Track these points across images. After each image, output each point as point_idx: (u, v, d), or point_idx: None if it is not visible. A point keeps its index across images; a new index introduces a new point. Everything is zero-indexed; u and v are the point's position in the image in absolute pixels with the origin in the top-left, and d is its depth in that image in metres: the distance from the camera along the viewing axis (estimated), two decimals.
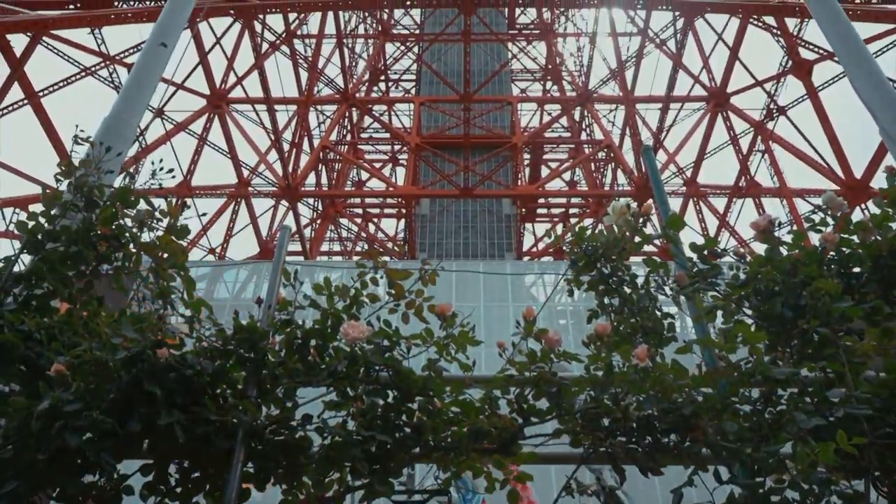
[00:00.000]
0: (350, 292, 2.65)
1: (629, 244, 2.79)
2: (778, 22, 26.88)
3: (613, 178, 35.80)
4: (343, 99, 35.09)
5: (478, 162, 32.50)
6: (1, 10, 25.29)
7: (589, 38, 36.55)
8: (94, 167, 2.77)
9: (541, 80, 49.38)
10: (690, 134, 30.14)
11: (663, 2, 28.18)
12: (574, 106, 38.23)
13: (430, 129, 38.17)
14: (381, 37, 46.36)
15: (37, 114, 25.02)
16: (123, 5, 28.09)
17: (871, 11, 24.78)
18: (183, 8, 5.75)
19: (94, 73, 27.01)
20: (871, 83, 6.79)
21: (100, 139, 5.01)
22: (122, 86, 5.35)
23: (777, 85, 27.95)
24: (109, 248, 2.73)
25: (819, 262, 2.68)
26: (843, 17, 7.43)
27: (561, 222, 42.30)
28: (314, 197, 34.79)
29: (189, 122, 30.03)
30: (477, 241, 35.30)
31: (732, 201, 29.92)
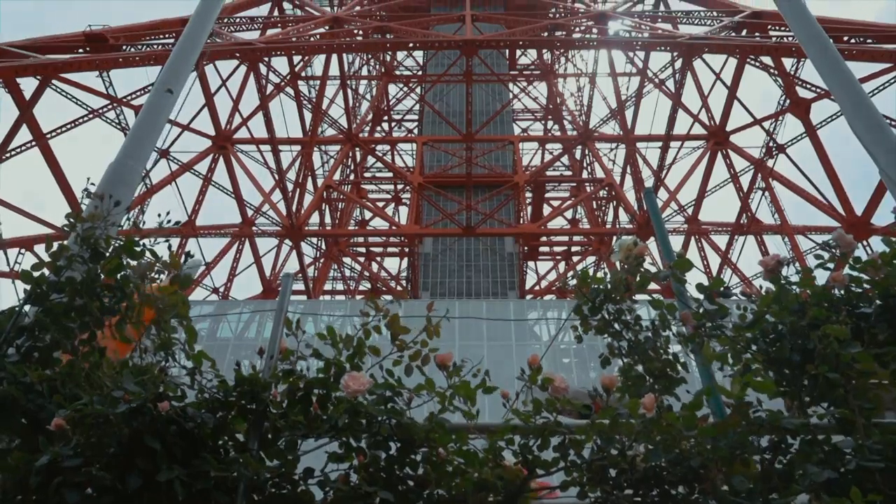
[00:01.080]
0: (353, 341, 2.63)
1: (634, 283, 2.79)
2: (775, 61, 27.24)
3: (615, 216, 35.95)
4: (347, 139, 35.48)
5: (480, 201, 32.68)
6: (11, 54, 25.79)
7: (589, 78, 37.10)
8: (101, 220, 2.79)
9: (542, 120, 49.94)
10: (691, 172, 30.33)
11: (662, 43, 28.64)
12: (575, 145, 38.58)
13: (433, 169, 38.48)
14: (385, 78, 47.06)
15: (44, 155, 25.32)
16: (131, 49, 28.59)
17: (867, 51, 25.11)
18: (189, 54, 5.85)
19: (101, 115, 27.39)
20: (868, 125, 6.83)
21: (105, 185, 5.06)
22: (128, 131, 5.41)
23: (776, 123, 28.19)
24: (113, 299, 2.73)
25: (828, 303, 2.66)
26: (838, 59, 7.50)
27: (563, 260, 42.36)
28: (317, 236, 34.92)
29: (194, 163, 30.34)
30: (480, 280, 35.27)
31: (734, 238, 29.97)
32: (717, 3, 32.67)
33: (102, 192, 4.79)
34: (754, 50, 27.23)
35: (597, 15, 32.27)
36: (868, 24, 27.25)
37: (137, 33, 29.27)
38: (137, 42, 29.08)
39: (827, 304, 2.58)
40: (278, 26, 33.96)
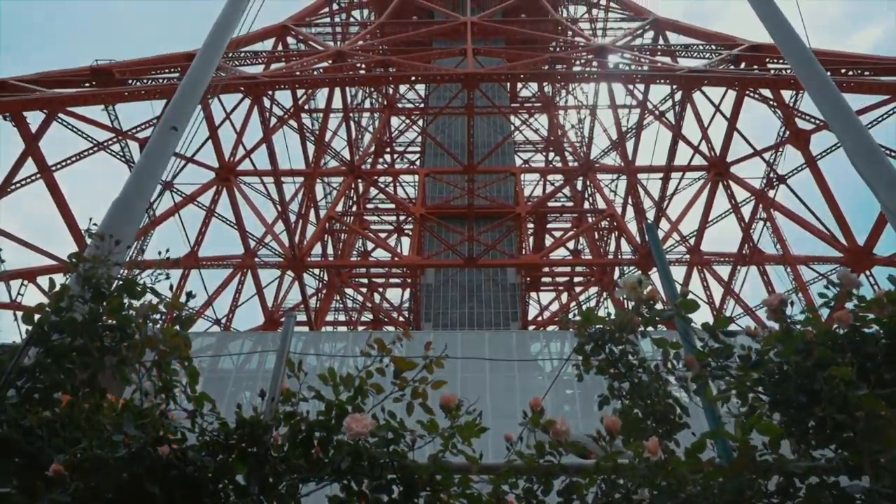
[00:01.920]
0: (355, 382, 2.61)
1: (639, 324, 2.78)
2: (774, 94, 27.47)
3: (617, 247, 35.95)
4: (349, 171, 35.71)
5: (482, 232, 32.75)
6: (17, 88, 26.12)
7: (589, 110, 37.44)
8: (102, 260, 2.79)
9: (543, 151, 50.25)
10: (692, 203, 30.42)
11: (661, 76, 28.94)
12: (576, 176, 38.79)
13: (435, 200, 38.63)
14: (387, 110, 47.53)
15: (49, 188, 25.49)
16: (137, 83, 28.94)
17: (865, 83, 25.33)
18: (194, 93, 5.92)
19: (106, 148, 27.61)
20: (867, 158, 6.86)
21: (109, 220, 5.09)
22: (133, 164, 5.45)
23: (776, 154, 28.34)
24: (115, 339, 2.72)
25: (833, 342, 2.64)
26: (837, 94, 7.58)
27: (565, 291, 42.28)
28: (320, 267, 34.94)
29: (197, 195, 30.50)
30: (482, 311, 35.18)
31: (737, 269, 29.92)
32: (715, 37, 33.09)
33: (106, 227, 4.82)
34: (753, 83, 27.51)
35: (597, 49, 32.67)
36: (865, 57, 27.56)
37: (143, 68, 29.67)
38: (143, 76, 29.46)
39: (832, 344, 2.56)
40: (282, 60, 34.41)
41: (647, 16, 38.02)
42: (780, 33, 7.87)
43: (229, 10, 7.28)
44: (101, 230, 4.66)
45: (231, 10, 7.28)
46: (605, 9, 45.36)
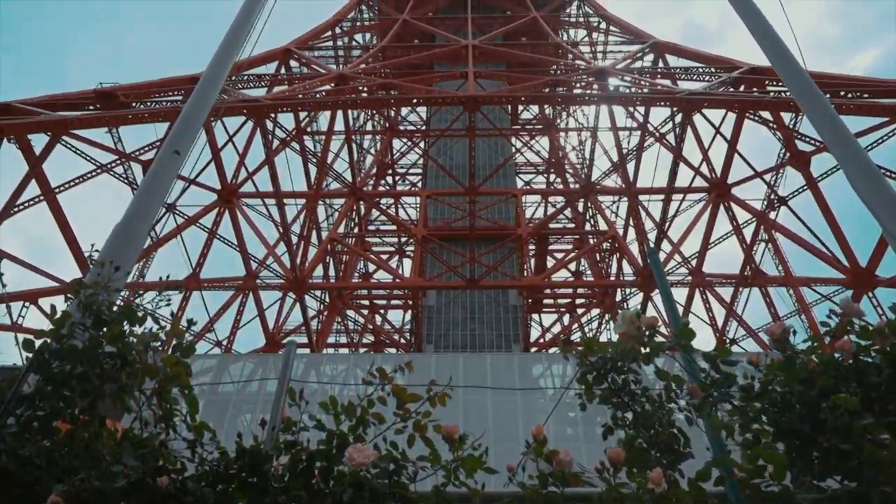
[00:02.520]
0: (356, 411, 2.59)
1: (640, 355, 2.76)
2: (774, 116, 27.59)
3: (619, 269, 35.91)
4: (351, 192, 35.82)
5: (483, 253, 32.75)
6: (22, 111, 26.31)
7: (590, 132, 37.61)
8: (104, 286, 2.79)
9: (544, 173, 50.40)
10: (693, 224, 30.41)
11: (661, 98, 29.10)
12: (577, 198, 38.85)
13: (437, 222, 38.71)
14: (389, 133, 47.79)
15: (52, 209, 25.57)
16: (140, 105, 29.16)
17: (864, 105, 25.44)
18: (197, 118, 5.96)
19: (109, 170, 27.73)
20: (868, 181, 6.87)
21: (111, 244, 5.09)
22: (136, 186, 5.47)
23: (776, 176, 28.39)
24: (115, 366, 2.71)
25: (836, 372, 2.62)
26: (836, 117, 7.60)
27: (567, 312, 42.17)
28: (321, 289, 34.91)
29: (199, 217, 30.55)
30: (484, 333, 35.07)
31: (739, 291, 29.85)
32: (715, 60, 33.34)
33: (108, 252, 4.82)
34: (753, 105, 27.65)
35: (597, 72, 32.92)
36: (864, 79, 27.74)
37: (147, 91, 29.91)
38: (146, 99, 29.70)
39: (835, 373, 2.55)
40: (285, 83, 34.68)
41: (646, 39, 38.36)
42: (778, 57, 7.92)
43: (232, 35, 7.36)
44: (102, 255, 4.67)
45: (234, 35, 7.35)
46: (605, 32, 45.80)
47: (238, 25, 8.11)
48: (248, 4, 8.56)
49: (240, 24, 8.16)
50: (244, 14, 8.37)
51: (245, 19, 8.30)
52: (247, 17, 8.36)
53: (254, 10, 8.52)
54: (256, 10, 8.56)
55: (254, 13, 8.49)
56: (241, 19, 8.25)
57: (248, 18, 8.37)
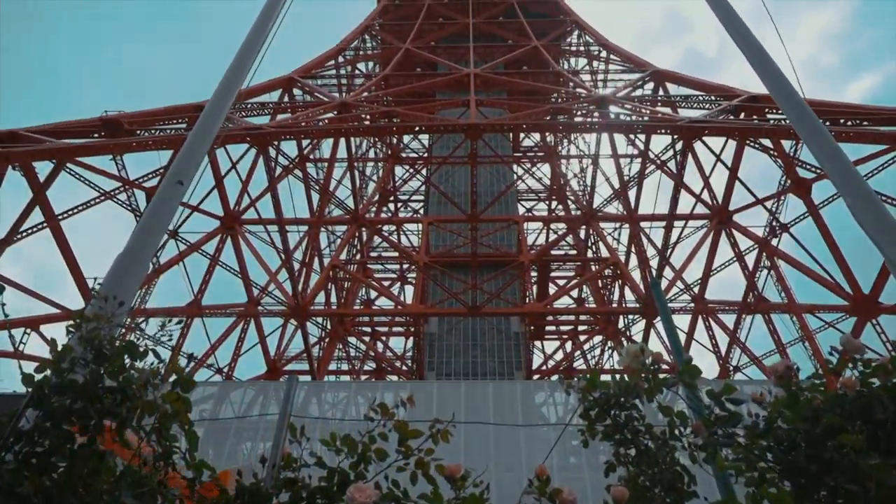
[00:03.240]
0: (358, 447, 2.57)
1: (644, 391, 2.74)
2: (774, 143, 27.71)
3: (621, 295, 35.83)
4: (353, 219, 35.92)
5: (485, 280, 32.71)
6: (28, 138, 26.53)
7: (591, 159, 37.77)
8: (106, 320, 2.79)
9: (546, 200, 50.55)
10: (695, 251, 30.40)
11: (662, 126, 29.29)
12: (579, 225, 38.92)
13: (438, 249, 38.73)
14: (391, 160, 48.06)
15: (55, 237, 25.66)
16: (144, 133, 29.38)
17: (864, 133, 25.58)
18: (201, 147, 6.00)
19: (113, 197, 27.85)
20: (869, 210, 6.84)
21: (113, 274, 5.09)
22: (138, 220, 5.49)
23: (778, 203, 28.44)
24: (115, 401, 2.69)
25: (841, 409, 2.60)
26: (835, 147, 7.59)
27: (570, 339, 41.99)
28: (323, 316, 34.84)
29: (202, 243, 30.62)
30: (486, 360, 34.89)
31: (742, 318, 29.73)
32: (714, 88, 33.62)
33: (110, 283, 4.83)
34: (753, 132, 27.80)
35: (597, 100, 33.18)
36: (863, 107, 27.92)
37: (151, 118, 30.17)
38: (151, 126, 29.94)
39: (840, 411, 2.52)
40: (288, 111, 34.98)
41: (646, 67, 38.71)
42: (776, 86, 7.95)
43: (237, 65, 7.43)
44: (104, 286, 4.68)
45: (238, 65, 7.42)
46: (606, 61, 46.23)
47: (243, 55, 8.18)
48: (254, 34, 8.65)
49: (245, 53, 8.23)
50: (249, 44, 8.45)
51: (250, 49, 8.38)
52: (252, 47, 8.44)
53: (259, 39, 8.61)
54: (261, 40, 8.66)
55: (258, 42, 8.58)
56: (245, 49, 8.32)
57: (253, 48, 8.45)
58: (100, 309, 2.84)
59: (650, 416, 2.97)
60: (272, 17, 8.95)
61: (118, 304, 2.91)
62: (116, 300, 2.92)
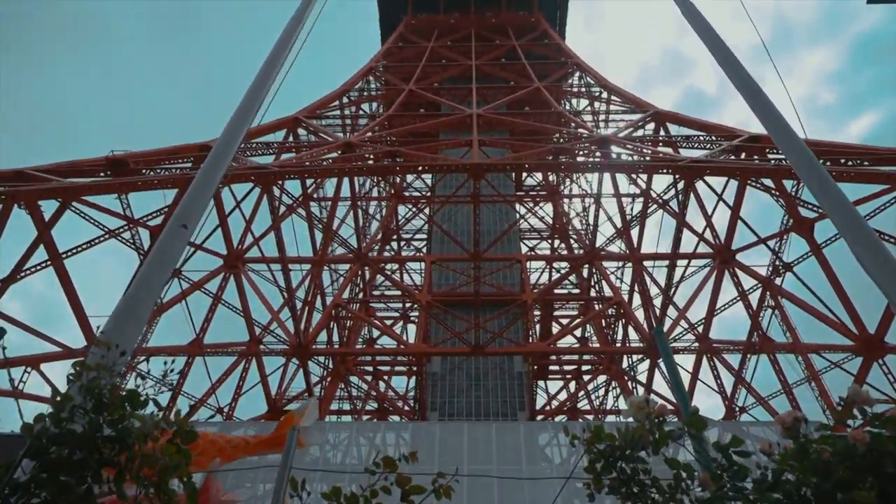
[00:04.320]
0: (360, 502, 2.52)
1: (650, 443, 2.70)
2: (775, 183, 27.77)
3: (625, 335, 35.62)
4: (356, 258, 35.96)
5: (488, 319, 32.59)
6: (34, 177, 26.75)
7: (594, 198, 37.90)
8: (107, 370, 2.77)
9: (548, 239, 50.64)
10: (699, 291, 30.29)
11: (663, 165, 29.47)
12: (582, 264, 38.90)
13: (441, 287, 38.69)
14: (394, 199, 48.34)
15: (59, 275, 25.69)
16: (150, 172, 29.62)
17: (865, 172, 25.69)
18: (205, 191, 6.04)
19: (117, 236, 27.93)
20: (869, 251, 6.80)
21: (116, 318, 5.08)
22: (141, 266, 5.49)
23: (780, 242, 28.40)
24: (114, 450, 2.66)
25: (850, 462, 2.55)
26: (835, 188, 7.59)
27: (574, 379, 41.63)
28: (325, 355, 34.64)
29: (204, 282, 30.60)
30: (489, 400, 34.55)
31: (747, 357, 29.48)
32: (715, 128, 33.91)
33: (113, 329, 4.81)
34: (754, 172, 27.93)
35: (599, 140, 33.46)
36: (864, 147, 28.10)
37: (157, 158, 30.46)
38: (156, 166, 30.21)
39: (850, 464, 2.48)
40: (292, 151, 35.31)
41: (647, 108, 39.12)
42: (775, 127, 8.00)
43: (242, 112, 7.52)
44: (106, 332, 4.66)
45: (244, 112, 7.51)
46: (607, 102, 46.77)
47: (249, 99, 8.28)
48: (261, 77, 8.77)
49: (251, 97, 8.34)
50: (255, 88, 8.57)
51: (256, 93, 8.48)
52: (258, 91, 8.55)
53: (266, 83, 8.73)
54: (268, 83, 8.77)
55: (265, 86, 8.70)
56: (252, 93, 8.43)
57: (260, 91, 8.57)
58: (101, 358, 2.83)
59: (656, 466, 2.92)
60: (280, 60, 9.08)
61: (119, 353, 2.90)
62: (118, 349, 2.90)
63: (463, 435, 22.05)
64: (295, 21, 9.33)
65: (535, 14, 59.60)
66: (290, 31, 8.94)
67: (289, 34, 8.89)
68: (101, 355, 2.88)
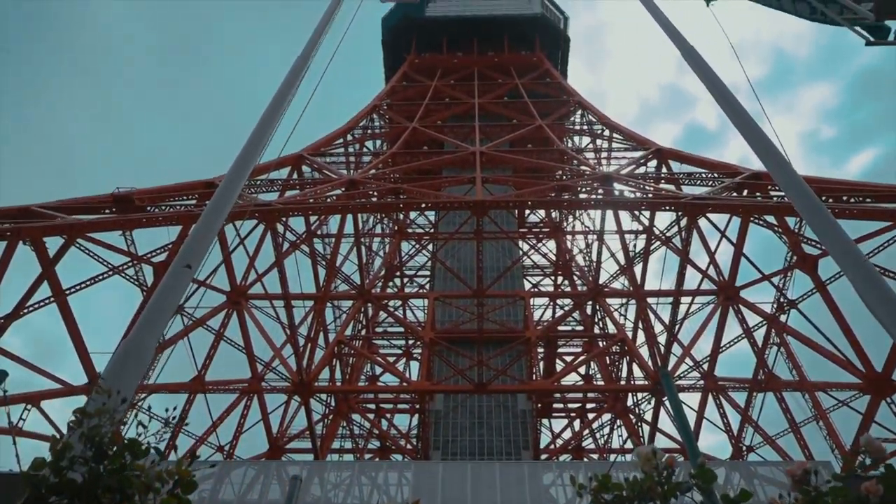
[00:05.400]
0: None
1: (658, 496, 2.65)
2: (778, 220, 27.78)
3: (629, 373, 35.32)
4: (359, 294, 35.92)
5: (492, 357, 32.37)
6: (40, 214, 26.91)
7: (597, 235, 37.97)
8: (108, 417, 2.75)
9: (552, 275, 50.58)
10: (703, 328, 30.10)
11: (666, 202, 29.54)
12: (586, 300, 38.80)
13: (444, 324, 38.54)
14: (398, 236, 48.45)
15: (62, 312, 25.65)
16: (155, 209, 29.78)
17: (867, 210, 25.71)
18: (209, 232, 6.06)
19: (121, 273, 27.95)
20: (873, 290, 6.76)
21: (117, 360, 5.05)
22: (144, 306, 5.48)
23: (784, 279, 28.30)
24: (114, 500, 2.62)
25: None
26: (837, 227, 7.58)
27: (578, 418, 41.18)
28: (327, 392, 34.36)
29: (207, 318, 30.52)
30: (492, 439, 34.12)
31: (753, 395, 29.16)
32: (717, 166, 34.09)
33: (114, 373, 4.79)
34: (757, 210, 27.97)
35: (602, 177, 33.65)
36: (866, 185, 28.15)
37: (162, 195, 30.66)
38: (161, 203, 30.38)
39: None
40: (297, 188, 35.54)
41: (649, 146, 39.40)
42: (776, 167, 8.01)
43: (248, 149, 7.59)
44: (107, 376, 4.64)
45: (249, 152, 7.58)
46: (609, 139, 47.16)
47: (253, 142, 8.35)
48: (267, 116, 8.86)
49: (257, 136, 8.41)
50: (261, 128, 8.65)
51: (262, 133, 8.57)
52: (264, 131, 8.64)
53: (271, 123, 8.81)
54: (275, 122, 8.86)
55: (271, 126, 8.78)
56: (257, 134, 8.51)
57: (265, 133, 8.65)
58: (102, 404, 2.81)
59: None
60: (286, 100, 9.17)
61: (120, 399, 2.87)
62: (119, 395, 2.88)
63: (466, 475, 21.72)
64: (301, 60, 9.48)
65: (537, 54, 60.51)
66: (296, 72, 9.08)
67: (295, 75, 9.02)
68: (101, 402, 2.86)
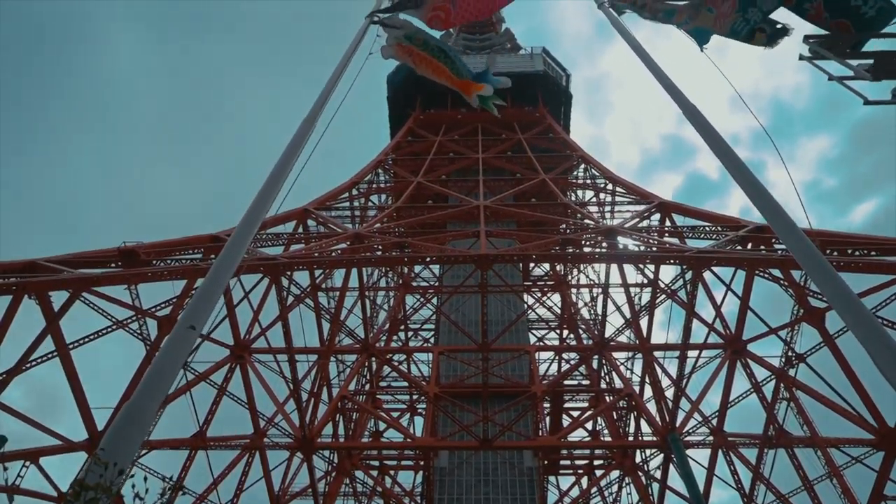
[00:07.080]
0: None
1: None
2: (784, 273, 27.67)
3: (637, 428, 34.71)
4: (363, 349, 35.70)
5: (497, 412, 31.93)
6: (45, 268, 27.04)
7: (602, 288, 37.84)
8: (104, 490, 2.72)
9: (557, 329, 50.27)
10: (711, 382, 29.69)
11: (671, 256, 29.53)
12: (591, 354, 38.44)
13: (449, 379, 38.15)
14: (402, 289, 48.40)
15: (64, 367, 25.50)
16: (160, 263, 29.93)
17: (873, 263, 25.63)
18: (214, 292, 6.09)
19: (125, 327, 27.89)
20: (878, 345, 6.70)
21: (119, 424, 5.01)
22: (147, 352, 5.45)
23: (792, 332, 28.00)
24: None
25: None
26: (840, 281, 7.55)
27: (586, 475, 40.31)
28: (330, 449, 33.82)
29: (210, 373, 30.30)
30: (498, 497, 33.35)
31: (764, 452, 28.54)
32: (720, 219, 34.22)
33: (115, 435, 4.74)
34: (762, 263, 27.90)
35: (606, 230, 33.78)
36: (870, 237, 28.12)
37: (167, 249, 30.85)
38: (167, 257, 30.56)
39: None
40: (302, 242, 35.74)
41: (652, 199, 39.66)
42: (777, 221, 8.02)
43: (251, 217, 7.67)
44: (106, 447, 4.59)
45: (251, 218, 7.65)
46: (612, 193, 47.51)
47: (264, 194, 8.45)
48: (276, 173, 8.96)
49: (266, 192, 8.51)
50: (269, 186, 8.75)
51: (271, 188, 8.66)
52: (273, 186, 8.73)
53: (280, 178, 8.91)
54: (283, 178, 8.96)
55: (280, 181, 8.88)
56: (267, 188, 8.60)
57: (274, 187, 8.74)
58: (100, 477, 2.78)
59: None
60: (295, 156, 9.29)
61: (119, 473, 2.84)
62: (116, 468, 2.85)
63: None
64: (307, 124, 9.65)
65: (540, 109, 61.54)
66: (301, 136, 9.23)
67: (300, 138, 9.17)
68: (99, 474, 2.83)
